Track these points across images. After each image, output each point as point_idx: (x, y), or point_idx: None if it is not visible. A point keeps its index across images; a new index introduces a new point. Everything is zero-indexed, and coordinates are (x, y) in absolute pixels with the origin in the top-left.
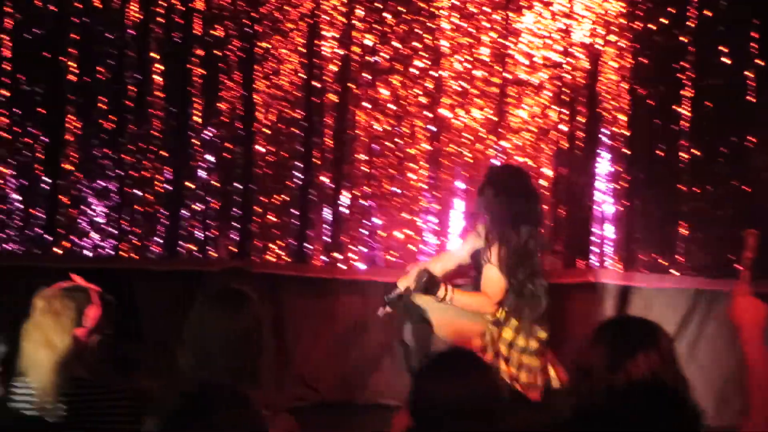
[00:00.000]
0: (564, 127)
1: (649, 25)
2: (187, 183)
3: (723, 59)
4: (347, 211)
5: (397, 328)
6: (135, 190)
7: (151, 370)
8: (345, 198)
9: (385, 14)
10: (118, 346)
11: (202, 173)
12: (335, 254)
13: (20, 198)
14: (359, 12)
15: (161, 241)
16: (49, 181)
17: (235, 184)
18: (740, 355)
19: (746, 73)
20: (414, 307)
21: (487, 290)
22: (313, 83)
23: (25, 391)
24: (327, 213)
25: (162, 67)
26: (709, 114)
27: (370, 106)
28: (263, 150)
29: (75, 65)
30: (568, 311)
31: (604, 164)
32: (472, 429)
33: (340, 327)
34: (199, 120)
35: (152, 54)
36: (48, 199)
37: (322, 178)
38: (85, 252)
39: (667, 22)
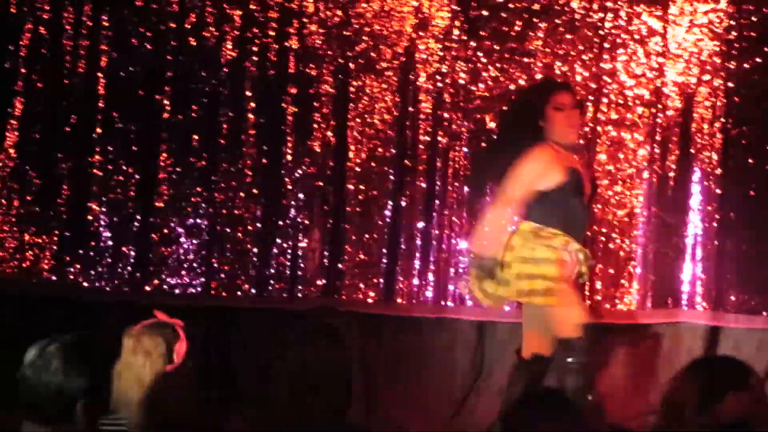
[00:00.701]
0: (656, 167)
1: (744, 65)
2: (278, 221)
3: None
4: (438, 249)
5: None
6: (226, 228)
7: (241, 407)
8: (436, 236)
9: (479, 53)
10: (208, 382)
11: (293, 211)
12: (425, 292)
13: (111, 235)
14: (453, 51)
15: (252, 279)
16: (141, 218)
17: (326, 222)
18: None
19: None
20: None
21: None
22: (407, 121)
23: (115, 429)
24: (417, 251)
25: (255, 105)
26: None
27: (464, 144)
28: (353, 188)
29: (169, 103)
30: (656, 351)
31: (696, 203)
32: None
33: (427, 365)
34: (291, 158)
35: (246, 92)
36: (139, 236)
37: (414, 216)
38: (176, 290)
39: (761, 61)
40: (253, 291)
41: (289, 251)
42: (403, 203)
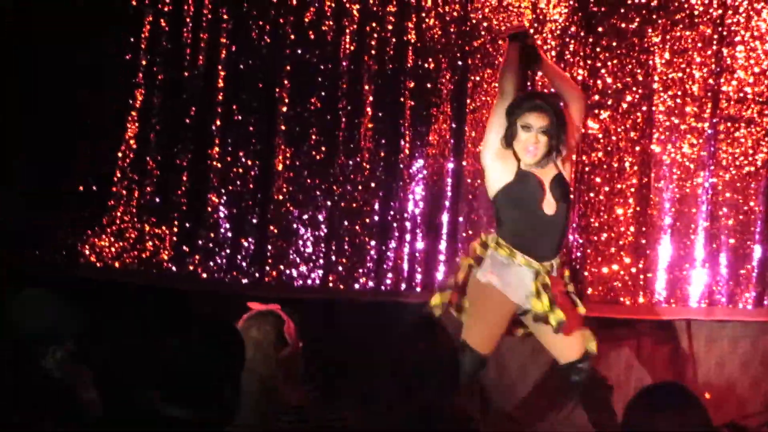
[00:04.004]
0: None
1: None
2: (395, 214)
3: None
4: None
5: None
6: (344, 221)
7: (353, 400)
8: None
9: (597, 49)
10: (320, 374)
11: (411, 205)
12: None
13: (230, 227)
14: (571, 46)
15: (369, 273)
16: (259, 210)
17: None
18: None
19: None
20: None
21: None
22: None
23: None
24: None
25: (373, 99)
26: None
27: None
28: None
29: (287, 96)
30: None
31: None
32: None
33: None
34: (409, 152)
35: (365, 86)
36: (258, 228)
37: None
38: (294, 282)
39: None
40: (370, 284)
41: (405, 246)
42: None
